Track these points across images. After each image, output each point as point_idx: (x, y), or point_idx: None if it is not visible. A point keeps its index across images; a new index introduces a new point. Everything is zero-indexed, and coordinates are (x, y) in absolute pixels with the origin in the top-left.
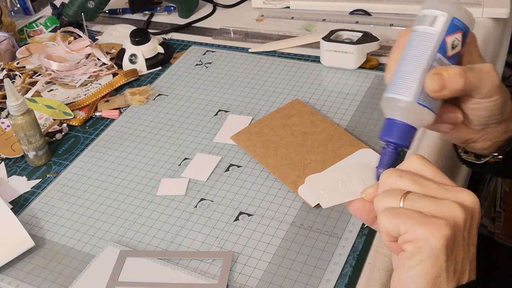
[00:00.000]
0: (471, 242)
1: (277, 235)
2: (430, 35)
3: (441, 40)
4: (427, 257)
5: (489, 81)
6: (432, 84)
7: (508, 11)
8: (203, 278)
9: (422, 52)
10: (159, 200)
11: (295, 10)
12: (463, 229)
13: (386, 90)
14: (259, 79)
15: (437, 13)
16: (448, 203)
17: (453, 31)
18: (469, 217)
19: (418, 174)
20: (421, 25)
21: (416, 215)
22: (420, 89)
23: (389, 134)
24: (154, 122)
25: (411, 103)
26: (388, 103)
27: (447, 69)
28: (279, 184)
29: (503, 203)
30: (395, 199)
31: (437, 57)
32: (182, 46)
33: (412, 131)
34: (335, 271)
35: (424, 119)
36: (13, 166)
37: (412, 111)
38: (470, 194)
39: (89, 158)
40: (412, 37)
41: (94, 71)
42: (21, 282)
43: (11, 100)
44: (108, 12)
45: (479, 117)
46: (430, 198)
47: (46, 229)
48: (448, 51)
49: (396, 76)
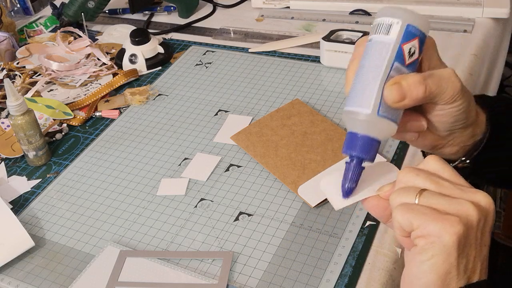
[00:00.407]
0: (483, 242)
1: (277, 235)
2: (386, 44)
3: (397, 49)
4: (439, 253)
5: (451, 86)
6: (392, 94)
7: (508, 11)
8: (203, 278)
9: (379, 62)
10: (159, 200)
11: (295, 10)
12: (476, 228)
13: (346, 102)
14: (259, 79)
15: (391, 21)
16: (463, 202)
17: (409, 39)
18: (483, 217)
19: (435, 174)
20: (377, 34)
21: (429, 211)
22: (379, 100)
23: (352, 148)
24: (154, 122)
25: (371, 115)
26: (349, 116)
27: (406, 78)
28: (279, 184)
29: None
30: (410, 195)
31: (394, 66)
32: (182, 46)
33: (375, 143)
34: (335, 271)
35: (386, 130)
36: (13, 166)
37: (373, 123)
38: (486, 196)
39: (89, 158)
40: (369, 47)
41: (94, 71)
42: (21, 282)
43: (11, 100)
44: (108, 12)
45: (444, 123)
46: (445, 197)
47: (46, 229)
48: (406, 59)
49: (354, 88)
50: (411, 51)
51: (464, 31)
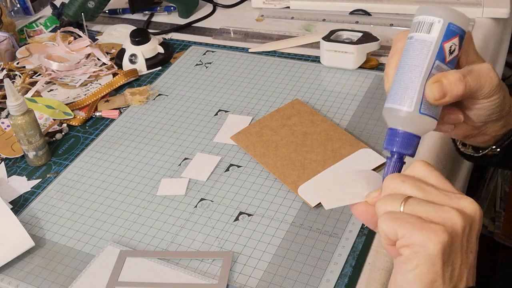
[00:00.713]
0: (470, 249)
1: (277, 235)
2: (428, 42)
3: (438, 47)
4: (423, 262)
5: (489, 82)
6: (433, 92)
7: (508, 11)
8: (203, 278)
9: (421, 61)
10: (159, 200)
11: (295, 10)
12: (461, 236)
13: (387, 99)
14: (259, 79)
15: (433, 20)
16: (448, 210)
17: (450, 37)
18: (468, 224)
19: (421, 180)
20: (418, 32)
21: (414, 220)
22: (421, 98)
23: (393, 144)
24: (154, 122)
25: (412, 113)
26: (390, 113)
27: (447, 76)
28: (279, 184)
29: (503, 203)
30: (395, 203)
31: (435, 64)
32: (182, 46)
33: (416, 139)
34: (335, 271)
35: (426, 126)
36: (13, 166)
37: (414, 120)
38: (471, 202)
39: (89, 158)
40: (409, 45)
41: (94, 71)
42: (21, 282)
43: (11, 100)
44: (108, 12)
45: (479, 116)
46: (430, 204)
47: (46, 229)
48: (447, 57)
49: (395, 86)
50: (451, 49)
51: None
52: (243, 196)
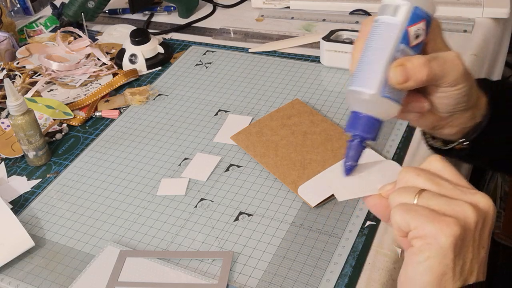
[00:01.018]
0: (481, 244)
1: (277, 235)
2: (393, 25)
3: (403, 30)
4: (435, 254)
5: (454, 69)
6: (396, 75)
7: (508, 11)
8: (203, 278)
9: (385, 43)
10: (159, 200)
11: (295, 10)
12: (474, 230)
13: (350, 82)
14: (259, 79)
15: (399, 3)
16: (461, 203)
17: (416, 21)
18: (482, 219)
19: (435, 174)
20: (383, 15)
21: (427, 212)
22: (384, 81)
23: (355, 127)
24: (154, 122)
25: (375, 96)
26: (353, 95)
27: (411, 60)
28: (279, 184)
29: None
30: (409, 195)
31: (400, 48)
32: (182, 46)
33: (377, 123)
34: (335, 271)
35: (389, 111)
36: (13, 166)
37: (376, 103)
38: (486, 198)
39: (89, 158)
40: (375, 28)
41: (94, 71)
42: (21, 282)
43: (11, 100)
44: (108, 12)
45: (446, 105)
46: (444, 198)
47: (46, 229)
48: (412, 41)
49: (359, 68)
50: (417, 33)
51: (464, 31)
52: (243, 196)
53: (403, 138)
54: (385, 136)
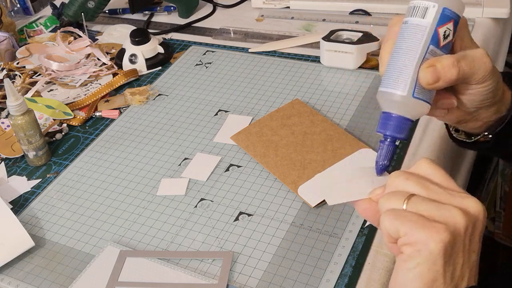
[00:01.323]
0: (472, 249)
1: (277, 235)
2: (422, 27)
3: (433, 32)
4: (425, 261)
5: (482, 67)
6: (426, 76)
7: (508, 11)
8: (203, 278)
9: (415, 45)
10: (159, 200)
11: (295, 10)
12: (463, 235)
13: (381, 83)
14: (259, 79)
15: (427, 4)
16: (451, 209)
17: (444, 22)
18: (472, 224)
19: (425, 178)
20: (412, 16)
21: (416, 218)
22: (415, 82)
23: (386, 127)
24: (154, 122)
25: (406, 97)
26: (384, 97)
27: (440, 60)
28: (279, 184)
29: (503, 203)
30: (399, 201)
31: (430, 49)
32: (182, 46)
33: (409, 123)
34: (335, 271)
35: (419, 110)
36: (13, 166)
37: (407, 104)
38: (475, 202)
39: (89, 158)
40: (404, 30)
41: (94, 71)
42: (21, 282)
43: (11, 100)
44: (108, 12)
45: (472, 101)
46: (433, 202)
47: (46, 229)
48: (441, 41)
49: (390, 70)
50: (446, 34)
51: None
52: (243, 196)
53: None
54: None
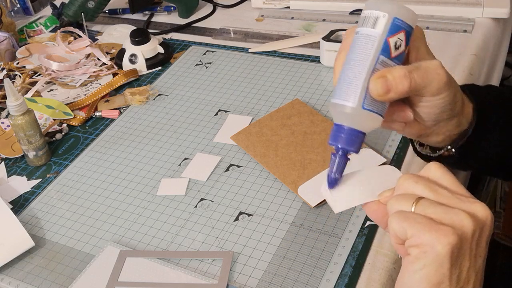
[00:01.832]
0: (478, 253)
1: (277, 235)
2: (372, 37)
3: (383, 42)
4: (431, 263)
5: (436, 79)
6: (377, 87)
7: (508, 11)
8: (203, 278)
9: (365, 55)
10: (159, 200)
11: (295, 10)
12: (471, 239)
13: (332, 95)
14: (259, 79)
15: (377, 14)
16: (459, 212)
17: (395, 32)
18: (479, 228)
19: (434, 182)
20: (363, 26)
21: (424, 220)
22: (365, 93)
23: (338, 140)
24: (154, 122)
25: (356, 109)
26: (335, 108)
27: (391, 71)
28: (279, 184)
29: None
30: (407, 203)
31: (380, 59)
32: (182, 46)
33: (360, 135)
34: (335, 271)
35: (371, 123)
36: (13, 166)
37: (358, 116)
38: (484, 207)
39: (89, 158)
40: (355, 40)
41: (94, 71)
42: (21, 282)
43: (11, 100)
44: (108, 12)
45: (430, 114)
46: (441, 206)
47: (46, 229)
48: (392, 52)
49: (341, 81)
50: (397, 44)
51: (464, 31)
52: (243, 196)
53: (403, 138)
54: (385, 136)
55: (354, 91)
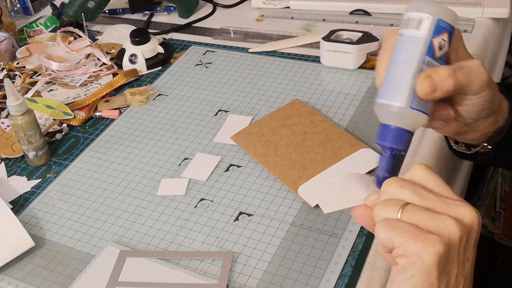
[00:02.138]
0: (466, 258)
1: (277, 235)
2: (417, 39)
3: (428, 43)
4: (419, 272)
5: (478, 78)
6: (424, 87)
7: (508, 11)
8: (203, 278)
9: (411, 57)
10: (159, 200)
11: (295, 10)
12: (458, 246)
13: (378, 95)
14: (259, 79)
15: (421, 16)
16: (445, 219)
17: (439, 33)
18: (466, 234)
19: (420, 185)
20: (408, 28)
21: (411, 229)
22: (412, 93)
23: (386, 139)
24: (154, 122)
25: (404, 108)
26: (382, 109)
27: (437, 71)
28: (279, 184)
29: (503, 203)
30: (393, 210)
31: (426, 60)
32: (182, 46)
33: (408, 134)
34: (335, 271)
35: (418, 121)
36: (13, 166)
37: (405, 115)
38: (470, 210)
39: (89, 158)
40: (400, 41)
41: (94, 71)
42: (21, 282)
43: (11, 100)
44: (108, 12)
45: (470, 112)
46: (427, 212)
47: (46, 229)
48: (436, 52)
49: (387, 81)
50: (441, 45)
51: (464, 31)
52: (243, 196)
53: None
54: None
55: (402, 91)
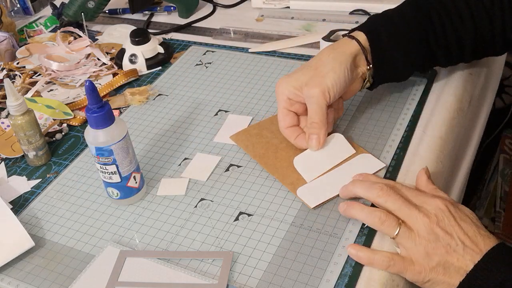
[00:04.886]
0: (461, 218)
1: (277, 235)
2: None
3: None
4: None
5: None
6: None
7: None
8: (203, 278)
9: None
10: (159, 200)
11: (295, 10)
12: (448, 212)
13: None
14: (259, 79)
15: None
16: (429, 197)
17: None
18: (449, 203)
19: (397, 189)
20: None
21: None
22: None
23: None
24: (154, 122)
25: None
26: None
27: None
28: (279, 184)
29: (503, 203)
30: (392, 229)
31: None
32: (182, 46)
33: None
34: (335, 271)
35: None
36: (13, 166)
37: None
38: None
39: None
40: None
41: (94, 71)
42: (21, 282)
43: (11, 100)
44: (108, 12)
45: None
46: (419, 195)
47: (46, 229)
48: None
49: None
50: None
51: None
52: (243, 196)
53: (403, 138)
54: (385, 136)
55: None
